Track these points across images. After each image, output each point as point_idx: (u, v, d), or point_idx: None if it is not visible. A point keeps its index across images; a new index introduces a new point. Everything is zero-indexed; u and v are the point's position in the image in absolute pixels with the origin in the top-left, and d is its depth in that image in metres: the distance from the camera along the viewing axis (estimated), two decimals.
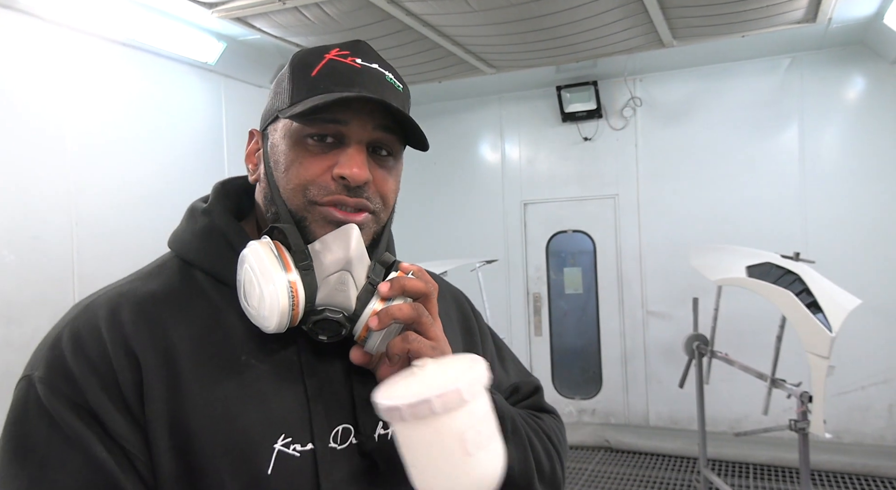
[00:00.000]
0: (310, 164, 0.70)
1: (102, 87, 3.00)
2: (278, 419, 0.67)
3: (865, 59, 4.16)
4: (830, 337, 2.30)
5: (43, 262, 2.70)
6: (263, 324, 0.66)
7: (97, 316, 0.67)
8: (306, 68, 0.71)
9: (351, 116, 0.69)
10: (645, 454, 4.39)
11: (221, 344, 0.68)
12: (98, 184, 2.95)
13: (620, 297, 4.88)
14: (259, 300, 0.65)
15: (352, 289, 0.68)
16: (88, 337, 0.66)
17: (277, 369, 0.69)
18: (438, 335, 0.69)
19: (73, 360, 0.64)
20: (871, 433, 4.18)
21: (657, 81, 4.74)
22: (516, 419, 0.78)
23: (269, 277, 0.65)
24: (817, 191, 4.29)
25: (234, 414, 0.65)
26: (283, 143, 0.72)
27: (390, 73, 0.75)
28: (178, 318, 0.68)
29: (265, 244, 0.68)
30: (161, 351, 0.66)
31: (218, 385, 0.66)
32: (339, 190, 0.69)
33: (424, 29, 3.36)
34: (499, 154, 5.26)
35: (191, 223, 0.77)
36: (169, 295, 0.70)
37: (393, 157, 0.74)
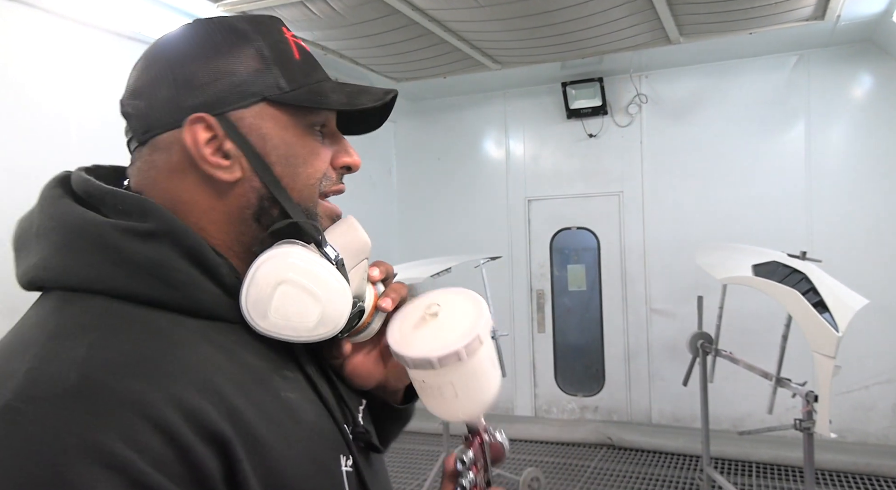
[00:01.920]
0: (321, 156, 0.66)
1: (108, 81, 3.00)
2: (330, 441, 0.63)
3: (873, 57, 4.13)
4: (837, 336, 2.28)
5: None
6: (326, 331, 0.61)
7: (129, 398, 0.47)
8: (284, 48, 0.64)
9: None
10: (647, 452, 4.39)
11: (258, 385, 0.58)
12: None
13: (624, 295, 4.87)
14: (324, 306, 0.59)
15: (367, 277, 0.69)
16: (138, 428, 0.46)
17: (302, 393, 0.63)
18: None
19: (129, 461, 0.45)
20: (874, 432, 4.17)
21: (663, 78, 4.72)
22: None
23: (330, 277, 0.60)
24: (824, 189, 4.28)
25: (307, 450, 0.59)
26: (285, 133, 0.63)
27: None
28: (213, 370, 0.54)
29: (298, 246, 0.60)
30: (227, 414, 0.52)
31: (281, 427, 0.57)
32: (338, 179, 0.69)
33: (430, 24, 3.34)
34: (503, 150, 5.25)
35: (127, 249, 0.56)
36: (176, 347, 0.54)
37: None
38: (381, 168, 5.37)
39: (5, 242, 2.50)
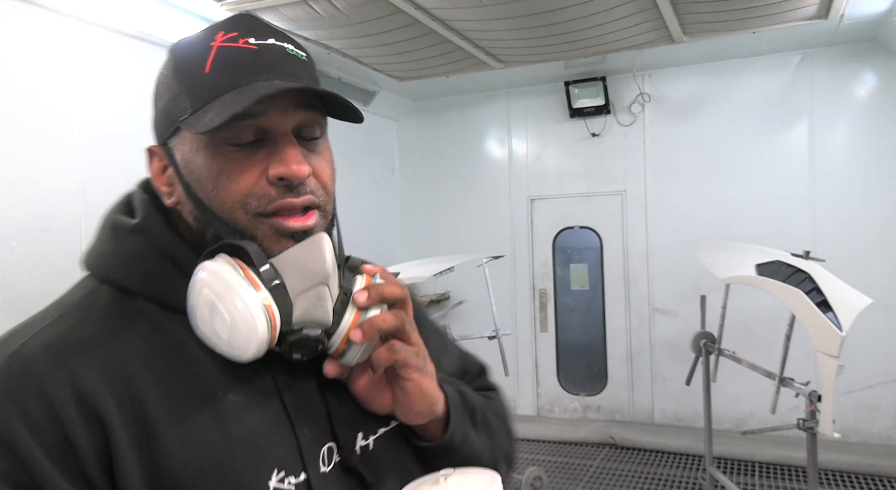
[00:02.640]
0: (239, 176, 0.61)
1: (111, 80, 3.00)
2: (268, 454, 0.61)
3: (877, 56, 4.12)
4: (841, 336, 2.28)
5: (52, 254, 2.71)
6: (237, 353, 0.58)
7: (36, 370, 0.55)
8: (196, 64, 0.62)
9: (266, 106, 0.60)
10: (650, 451, 4.38)
11: (192, 382, 0.60)
12: (107, 176, 2.95)
13: (627, 294, 4.86)
14: (230, 328, 0.57)
15: (328, 302, 0.62)
16: (33, 404, 0.54)
17: (256, 399, 0.63)
18: (418, 340, 0.67)
19: (18, 435, 0.53)
20: (878, 432, 4.16)
21: (666, 77, 4.71)
22: (483, 409, 0.79)
23: (239, 300, 0.57)
24: (827, 188, 4.27)
25: (220, 459, 0.58)
26: (198, 157, 0.62)
27: (288, 43, 0.66)
28: (139, 360, 0.59)
29: (225, 263, 0.59)
30: (128, 403, 0.56)
31: (198, 430, 0.58)
32: (280, 193, 0.61)
33: (433, 23, 3.34)
34: (506, 149, 5.25)
35: (120, 243, 0.66)
36: (118, 333, 0.60)
37: (323, 136, 0.67)
38: (384, 167, 5.37)
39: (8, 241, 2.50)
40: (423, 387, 0.67)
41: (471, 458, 0.73)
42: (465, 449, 0.73)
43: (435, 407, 0.69)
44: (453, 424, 0.71)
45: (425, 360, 0.68)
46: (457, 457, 0.72)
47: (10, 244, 2.55)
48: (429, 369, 0.68)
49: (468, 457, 0.73)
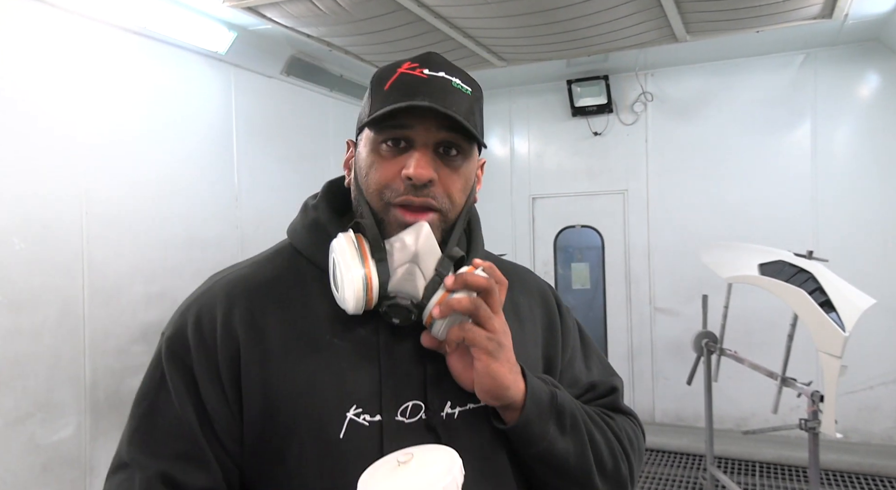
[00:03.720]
0: (383, 169, 0.79)
1: (113, 75, 3.00)
2: (352, 392, 0.76)
3: (881, 56, 4.11)
4: (844, 336, 2.28)
5: (53, 250, 2.70)
6: (344, 306, 0.76)
7: (216, 297, 0.81)
8: (381, 82, 0.80)
9: (416, 122, 0.77)
10: (651, 451, 4.38)
11: (310, 326, 0.79)
12: (108, 172, 2.95)
13: (628, 293, 4.86)
14: (341, 285, 0.75)
15: (419, 279, 0.76)
16: (206, 313, 0.79)
17: (357, 348, 0.78)
18: (496, 327, 0.75)
19: (191, 331, 0.78)
20: (879, 433, 4.15)
21: (669, 76, 4.70)
22: (577, 415, 0.83)
23: (348, 266, 0.75)
24: (830, 188, 4.26)
25: (314, 385, 0.76)
26: (364, 150, 0.82)
27: (457, 78, 0.81)
28: (278, 303, 0.80)
29: (349, 237, 0.78)
30: (258, 332, 0.78)
31: (302, 361, 0.77)
32: (407, 190, 0.77)
33: (436, 20, 3.33)
34: (508, 148, 5.24)
35: (302, 217, 0.89)
36: (274, 282, 0.83)
37: (462, 156, 0.81)
38: None
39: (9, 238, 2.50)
40: (491, 369, 0.74)
41: (551, 456, 0.80)
42: (543, 445, 0.79)
43: (505, 391, 0.76)
44: (526, 414, 0.77)
45: (499, 347, 0.75)
46: (535, 450, 0.79)
47: (11, 240, 2.55)
48: (503, 356, 0.76)
49: (548, 454, 0.80)
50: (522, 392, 0.78)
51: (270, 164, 3.91)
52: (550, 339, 0.93)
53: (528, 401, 0.78)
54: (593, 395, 0.94)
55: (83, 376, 2.80)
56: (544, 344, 0.93)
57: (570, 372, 0.94)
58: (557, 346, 0.94)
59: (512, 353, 0.78)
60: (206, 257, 3.36)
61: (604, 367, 1.00)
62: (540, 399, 0.79)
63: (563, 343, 0.95)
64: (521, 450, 0.80)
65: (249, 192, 3.74)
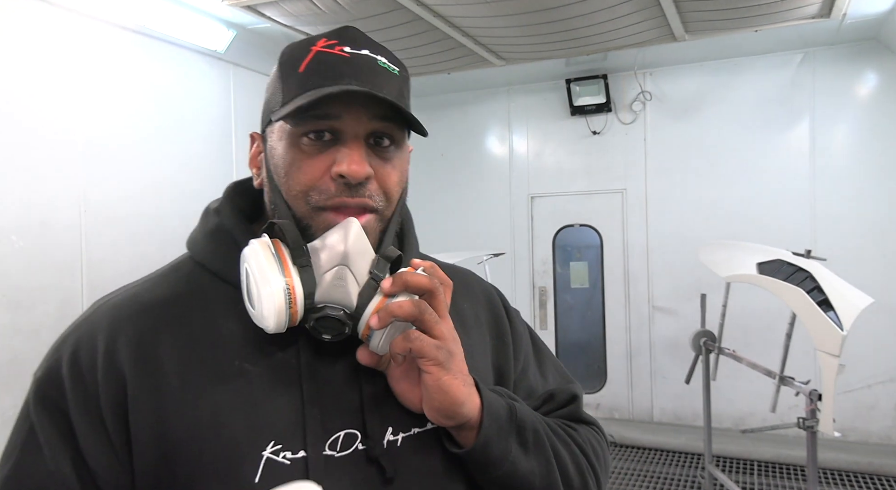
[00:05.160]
0: (308, 167, 0.67)
1: (112, 74, 3.00)
2: (268, 426, 0.64)
3: (879, 56, 4.12)
4: (842, 335, 2.28)
5: (51, 248, 2.70)
6: (263, 324, 0.64)
7: (98, 324, 0.68)
8: (294, 64, 0.69)
9: (342, 111, 0.66)
10: (649, 450, 4.39)
11: (214, 351, 0.67)
12: (107, 171, 2.95)
13: (626, 292, 4.86)
14: (258, 300, 0.63)
15: (351, 284, 0.65)
16: (85, 345, 0.67)
17: (273, 373, 0.67)
18: (444, 333, 0.66)
19: (66, 369, 0.66)
20: (877, 432, 4.16)
21: (667, 75, 4.70)
22: (539, 429, 0.74)
23: (265, 276, 0.63)
24: (828, 187, 4.26)
25: (221, 422, 0.64)
26: (279, 145, 0.69)
27: (383, 56, 0.70)
28: (172, 327, 0.68)
29: (263, 242, 0.66)
30: (148, 363, 0.65)
31: (206, 393, 0.64)
32: (339, 190, 0.66)
33: (435, 19, 3.33)
34: (507, 147, 5.24)
35: (202, 224, 0.77)
36: (169, 301, 0.70)
37: (395, 146, 0.70)
38: None
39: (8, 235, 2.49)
40: (442, 382, 0.65)
41: (515, 478, 0.70)
42: (506, 467, 0.69)
43: (459, 408, 0.66)
44: (485, 433, 0.68)
45: (450, 355, 0.66)
46: (497, 473, 0.69)
47: (10, 239, 2.55)
48: (454, 367, 0.66)
49: (511, 477, 0.70)
50: (478, 408, 0.68)
51: None
52: (500, 347, 0.83)
53: (485, 417, 0.68)
54: (552, 405, 0.84)
55: None
56: (494, 353, 0.82)
57: (525, 382, 0.84)
58: (509, 354, 0.83)
59: (464, 362, 0.68)
60: None
61: (560, 373, 0.91)
62: (498, 414, 0.69)
63: (515, 350, 0.85)
64: (479, 475, 0.70)
65: None
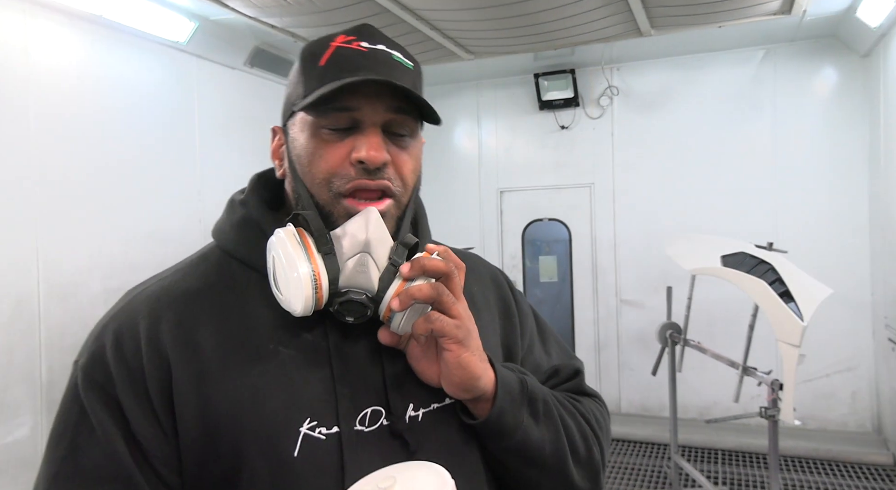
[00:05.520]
0: (329, 155, 0.71)
1: (70, 64, 2.90)
2: (304, 403, 0.69)
3: (837, 53, 4.22)
4: (802, 326, 2.33)
5: (4, 245, 2.61)
6: (291, 308, 0.68)
7: (138, 312, 0.72)
8: (314, 59, 0.72)
9: (361, 101, 0.70)
10: (617, 441, 4.44)
11: (249, 334, 0.71)
12: (62, 163, 2.86)
13: (595, 286, 4.91)
14: (285, 286, 0.68)
15: (373, 270, 0.69)
16: (127, 333, 0.70)
17: (305, 354, 0.71)
18: (461, 313, 0.70)
19: (111, 354, 0.69)
20: (834, 420, 4.28)
21: (634, 71, 4.75)
22: (549, 401, 0.79)
23: (293, 263, 0.67)
24: (789, 181, 4.36)
25: (261, 400, 0.68)
26: (301, 136, 0.73)
27: (398, 52, 0.75)
28: (210, 313, 0.72)
29: (289, 231, 0.70)
30: (190, 347, 0.69)
31: (245, 374, 0.69)
32: (359, 175, 0.70)
33: (402, 12, 3.30)
34: (476, 141, 5.24)
35: (229, 214, 0.80)
36: (202, 290, 0.74)
37: (410, 137, 0.74)
38: None
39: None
40: (462, 359, 0.69)
41: (527, 447, 0.75)
42: (518, 435, 0.74)
43: (476, 382, 0.71)
44: (500, 404, 0.73)
45: (468, 334, 0.70)
46: (510, 442, 0.74)
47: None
48: (472, 344, 0.71)
49: (523, 445, 0.75)
50: (493, 381, 0.73)
51: (234, 156, 3.84)
52: (508, 326, 0.89)
53: (499, 390, 0.73)
54: (557, 380, 0.91)
55: (39, 375, 2.71)
56: (502, 332, 0.88)
57: (531, 358, 0.90)
58: (516, 332, 0.89)
59: (479, 340, 0.73)
60: (167, 251, 3.28)
61: (562, 350, 0.96)
62: (511, 387, 0.75)
63: (522, 329, 0.90)
64: (493, 444, 0.75)
65: (212, 186, 3.67)
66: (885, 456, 3.87)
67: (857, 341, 4.21)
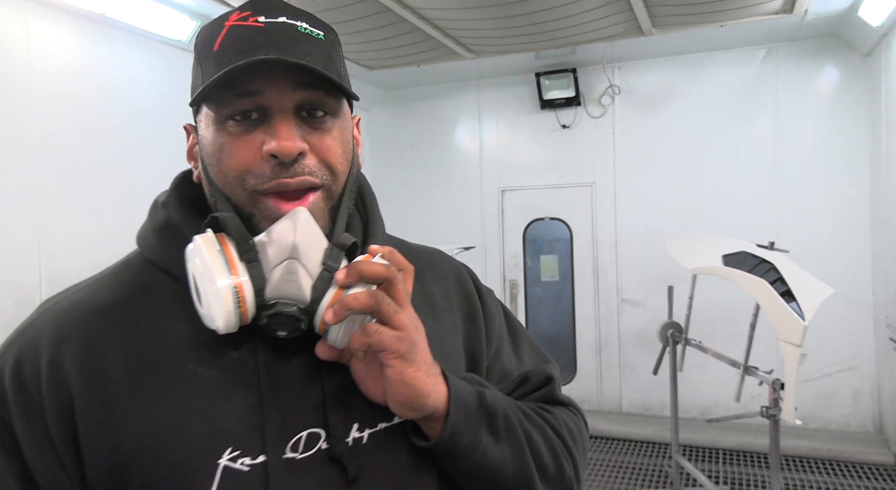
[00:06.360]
0: (237, 150, 0.63)
1: (71, 62, 2.90)
2: (225, 431, 0.61)
3: (839, 51, 4.21)
4: (803, 325, 2.33)
5: (6, 244, 2.61)
6: (212, 325, 0.60)
7: (41, 332, 0.64)
8: (209, 43, 0.64)
9: (263, 84, 0.61)
10: (618, 440, 4.44)
11: (166, 354, 0.63)
12: (65, 160, 2.86)
13: (596, 285, 4.91)
14: (205, 299, 0.60)
15: (304, 278, 0.61)
16: (29, 355, 0.63)
17: (229, 375, 0.63)
18: (405, 323, 0.62)
19: (9, 379, 0.62)
20: (836, 419, 4.28)
21: (635, 70, 4.74)
22: (511, 415, 0.71)
23: (210, 275, 0.59)
24: (790, 181, 4.35)
25: (176, 430, 0.60)
26: (207, 132, 0.65)
27: (304, 21, 0.65)
28: (122, 331, 0.64)
29: (207, 238, 0.62)
30: (96, 371, 0.61)
31: (158, 400, 0.61)
32: (275, 172, 0.62)
33: (404, 11, 3.30)
34: (477, 140, 5.23)
35: (151, 218, 0.72)
36: (117, 304, 0.66)
37: (331, 115, 0.66)
38: None
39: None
40: (406, 375, 0.62)
41: (486, 468, 0.68)
42: (476, 456, 0.67)
43: (423, 400, 0.63)
44: (452, 423, 0.65)
45: (412, 346, 0.62)
46: (467, 464, 0.67)
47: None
48: (417, 358, 0.63)
49: (482, 467, 0.67)
50: (445, 397, 0.65)
51: None
52: (472, 329, 0.80)
53: (452, 407, 0.65)
54: (527, 388, 0.82)
55: None
56: (466, 336, 0.79)
57: (499, 364, 0.82)
58: (481, 336, 0.81)
59: (427, 352, 0.65)
60: None
61: (536, 353, 0.88)
62: (466, 402, 0.67)
63: (488, 332, 0.82)
64: (449, 465, 0.67)
65: None
66: (887, 456, 3.86)
67: (859, 341, 4.20)
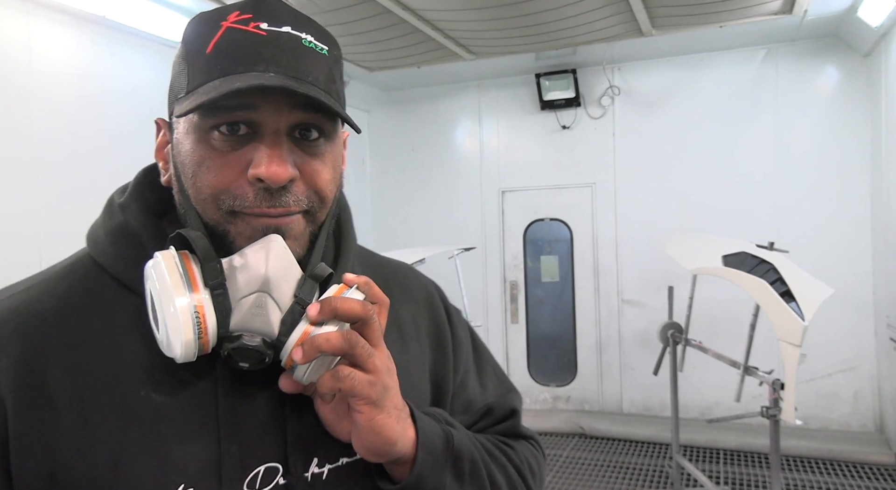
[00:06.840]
0: (219, 167, 0.57)
1: (72, 63, 2.91)
2: (178, 465, 0.56)
3: (839, 52, 4.21)
4: (803, 325, 2.33)
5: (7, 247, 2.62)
6: (169, 353, 0.55)
7: None
8: (201, 42, 0.58)
9: (260, 99, 0.56)
10: (618, 440, 4.45)
11: (117, 377, 0.57)
12: (65, 160, 2.87)
13: (596, 286, 4.91)
14: (163, 325, 0.54)
15: (273, 312, 0.57)
16: None
17: (186, 403, 0.58)
18: (378, 367, 0.58)
19: None
20: (836, 419, 4.28)
21: (635, 70, 4.75)
22: (476, 459, 0.68)
23: (170, 299, 0.54)
24: (790, 181, 4.36)
25: (123, 464, 0.55)
26: (187, 140, 0.58)
27: (308, 33, 0.59)
28: (66, 346, 0.57)
29: (169, 256, 0.56)
30: (36, 390, 0.55)
31: (106, 429, 0.55)
32: (258, 198, 0.57)
33: (404, 13, 3.31)
34: (477, 141, 5.24)
35: (105, 218, 0.65)
36: (62, 313, 0.59)
37: (325, 138, 0.60)
38: (355, 158, 5.33)
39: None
40: (375, 422, 0.58)
41: None
42: None
43: (391, 447, 0.60)
44: (419, 469, 0.62)
45: (384, 392, 0.58)
46: None
47: None
48: (388, 404, 0.59)
49: None
50: (412, 442, 0.62)
51: None
52: (440, 358, 0.76)
53: (419, 452, 0.62)
54: (490, 420, 0.79)
55: None
56: (433, 366, 0.75)
57: (464, 395, 0.79)
58: (448, 366, 0.77)
59: (398, 395, 0.61)
60: None
61: (500, 382, 0.85)
62: (434, 446, 0.64)
63: (455, 362, 0.78)
64: None
65: None
66: (888, 456, 3.87)
67: (859, 341, 4.21)
